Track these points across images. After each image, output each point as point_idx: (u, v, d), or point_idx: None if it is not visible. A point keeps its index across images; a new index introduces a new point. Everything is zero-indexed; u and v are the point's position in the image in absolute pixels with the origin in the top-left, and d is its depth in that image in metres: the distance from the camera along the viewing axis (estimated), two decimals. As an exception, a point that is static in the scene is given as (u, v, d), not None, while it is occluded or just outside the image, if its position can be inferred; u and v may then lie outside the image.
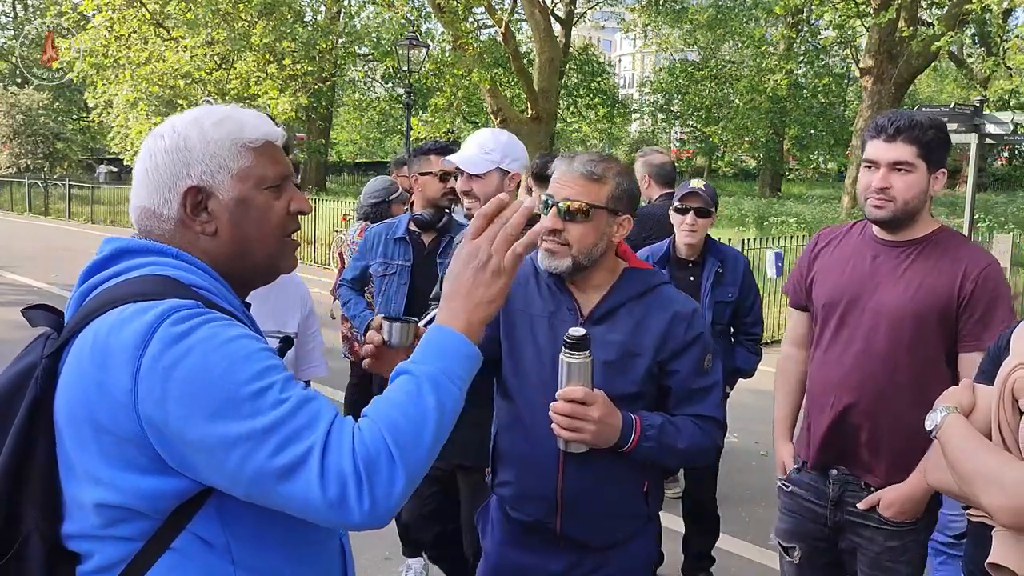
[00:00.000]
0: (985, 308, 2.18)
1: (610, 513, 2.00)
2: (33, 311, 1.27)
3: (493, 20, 20.32)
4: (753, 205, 23.89)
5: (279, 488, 1.10)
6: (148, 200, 1.29)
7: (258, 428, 1.10)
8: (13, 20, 38.47)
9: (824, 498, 2.42)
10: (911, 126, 2.17)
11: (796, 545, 2.51)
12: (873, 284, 2.29)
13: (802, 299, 2.52)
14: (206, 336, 1.12)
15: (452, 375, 1.21)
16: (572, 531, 1.98)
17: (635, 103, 40.85)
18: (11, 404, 1.19)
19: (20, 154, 27.59)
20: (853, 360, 2.30)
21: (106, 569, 1.18)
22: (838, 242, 2.44)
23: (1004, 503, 1.48)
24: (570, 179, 1.91)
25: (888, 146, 2.19)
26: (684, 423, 1.96)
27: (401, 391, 1.19)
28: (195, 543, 1.18)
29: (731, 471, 3.83)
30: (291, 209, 1.34)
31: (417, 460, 1.15)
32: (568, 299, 1.98)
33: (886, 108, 16.41)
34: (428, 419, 1.16)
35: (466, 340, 1.24)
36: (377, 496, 1.11)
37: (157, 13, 18.02)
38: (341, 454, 1.11)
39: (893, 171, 2.19)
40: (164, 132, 1.30)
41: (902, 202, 2.20)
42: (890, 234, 2.30)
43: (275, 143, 1.33)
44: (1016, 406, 1.54)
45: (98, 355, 1.13)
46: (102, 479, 1.14)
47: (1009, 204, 23.69)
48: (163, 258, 1.25)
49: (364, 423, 1.16)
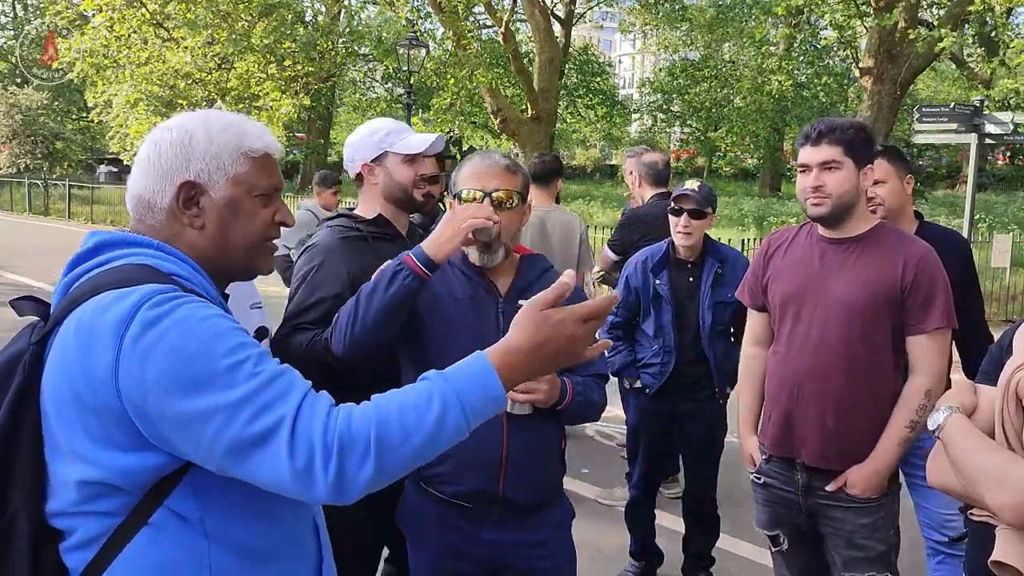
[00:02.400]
0: (927, 293, 2.38)
1: (543, 473, 2.17)
2: (21, 302, 1.33)
3: (493, 20, 20.32)
4: (753, 205, 23.92)
5: (252, 456, 1.17)
6: (144, 188, 1.36)
7: (233, 399, 1.16)
8: (13, 20, 38.50)
9: (794, 485, 2.57)
10: (832, 129, 2.40)
11: (779, 532, 2.68)
12: (823, 280, 2.46)
13: (759, 300, 2.70)
14: (182, 316, 1.19)
15: (469, 406, 1.24)
16: (513, 494, 2.09)
17: (635, 103, 40.88)
18: (0, 390, 1.25)
19: (20, 154, 27.58)
20: (810, 352, 2.46)
21: (86, 544, 1.24)
22: (788, 244, 2.63)
23: (1009, 501, 1.49)
24: (495, 171, 2.09)
25: (815, 149, 2.41)
26: (588, 381, 2.18)
27: (413, 396, 1.24)
28: (171, 518, 1.24)
29: (731, 471, 3.83)
30: (276, 219, 1.43)
31: (393, 463, 1.20)
32: (484, 281, 2.14)
33: (886, 108, 16.42)
34: (420, 433, 1.20)
35: (500, 386, 1.27)
36: (344, 473, 1.17)
37: (157, 13, 18.02)
38: (312, 426, 1.17)
39: (823, 171, 2.40)
40: (172, 126, 1.38)
41: (836, 197, 2.39)
42: (833, 232, 2.49)
43: (273, 156, 1.42)
44: (1019, 406, 1.54)
45: (82, 339, 1.20)
46: (85, 456, 1.21)
47: (1009, 204, 23.71)
48: (143, 249, 1.33)
49: (363, 408, 1.21)
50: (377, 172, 2.51)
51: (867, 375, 2.42)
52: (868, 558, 2.47)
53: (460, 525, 2.14)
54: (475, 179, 2.10)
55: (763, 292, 2.66)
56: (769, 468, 2.64)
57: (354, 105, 30.41)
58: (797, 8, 18.85)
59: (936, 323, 2.38)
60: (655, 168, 4.53)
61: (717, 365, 3.56)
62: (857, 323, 2.40)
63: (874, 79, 16.61)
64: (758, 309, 2.72)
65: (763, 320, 2.71)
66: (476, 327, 2.07)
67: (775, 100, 27.11)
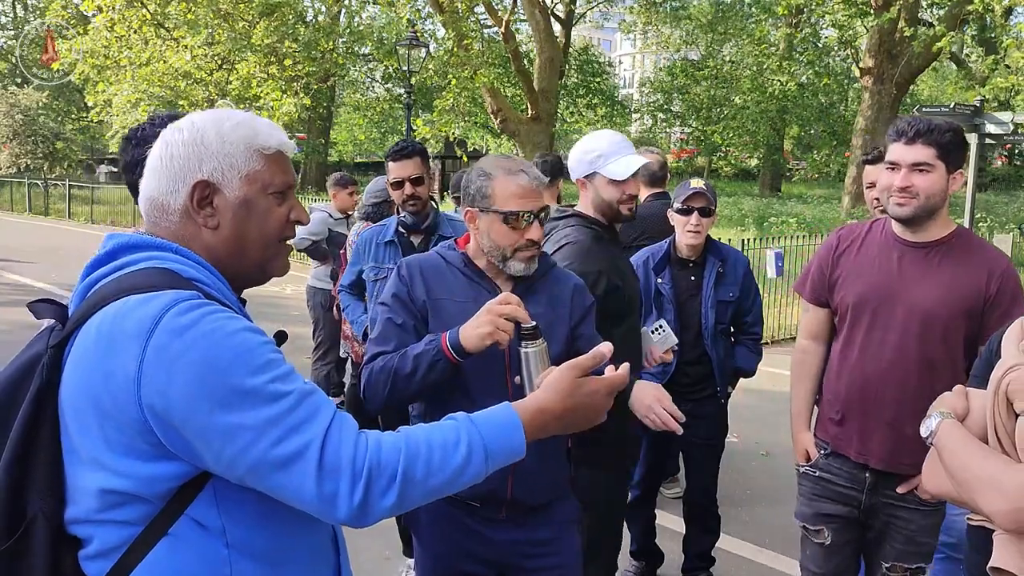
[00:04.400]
0: (1008, 305, 2.37)
1: (550, 472, 2.20)
2: (39, 304, 1.31)
3: (493, 20, 20.32)
4: (753, 205, 23.87)
5: (275, 477, 1.17)
6: (156, 190, 1.33)
7: (260, 419, 1.15)
8: (13, 20, 38.47)
9: (859, 482, 2.56)
10: (930, 130, 2.33)
11: (824, 527, 2.63)
12: (904, 283, 2.43)
13: (823, 296, 2.64)
14: (211, 328, 1.17)
15: (492, 455, 1.28)
16: (521, 494, 2.13)
17: (635, 103, 40.83)
18: (17, 393, 1.23)
19: (20, 154, 27.55)
20: (890, 356, 2.44)
21: (105, 554, 1.22)
22: (860, 242, 2.57)
23: (1003, 507, 1.48)
24: (540, 191, 2.15)
25: (909, 148, 2.35)
26: None
27: (443, 434, 1.27)
28: (192, 527, 1.22)
29: (731, 471, 3.84)
30: (291, 217, 1.40)
31: (413, 494, 1.23)
32: (487, 283, 2.16)
33: (886, 108, 16.42)
34: (445, 472, 1.24)
35: (523, 441, 1.31)
36: (369, 501, 1.19)
37: (158, 13, 18.02)
38: (340, 450, 1.18)
39: (914, 171, 2.34)
40: (184, 126, 1.35)
41: (924, 199, 2.35)
42: (912, 234, 2.45)
43: (286, 153, 1.40)
44: (1011, 409, 1.54)
45: (103, 344, 1.18)
46: (105, 464, 1.18)
47: (1009, 204, 23.69)
48: (163, 253, 1.30)
49: (393, 438, 1.24)
50: (588, 187, 2.79)
51: (943, 382, 2.37)
52: (921, 552, 2.54)
53: (469, 525, 2.15)
54: (522, 199, 2.10)
55: (829, 289, 2.60)
56: (829, 463, 2.62)
57: (354, 105, 30.35)
58: (797, 7, 18.85)
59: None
60: (650, 169, 4.54)
61: (719, 364, 3.57)
62: (938, 331, 2.38)
63: (874, 79, 16.62)
64: (820, 305, 2.67)
65: (822, 316, 2.67)
66: None
67: (775, 100, 27.05)
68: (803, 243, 10.09)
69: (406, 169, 3.42)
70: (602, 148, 2.78)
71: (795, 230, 15.70)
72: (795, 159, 35.18)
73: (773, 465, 5.34)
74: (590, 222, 2.81)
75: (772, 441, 5.73)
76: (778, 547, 4.12)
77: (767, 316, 3.68)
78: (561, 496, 2.27)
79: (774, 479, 5.03)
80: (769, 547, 4.14)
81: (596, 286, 2.70)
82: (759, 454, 5.52)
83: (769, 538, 4.23)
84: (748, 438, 5.67)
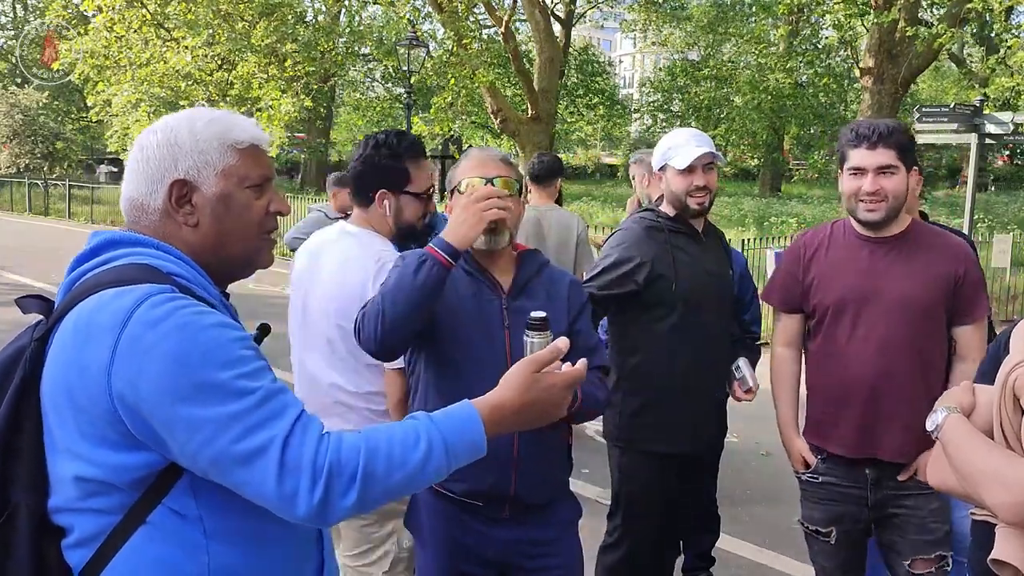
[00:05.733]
0: (975, 285, 2.52)
1: (552, 470, 2.20)
2: (26, 299, 1.35)
3: (493, 20, 20.32)
4: (753, 205, 23.90)
5: (236, 472, 1.19)
6: (136, 191, 1.37)
7: (224, 414, 1.17)
8: (13, 20, 38.48)
9: (862, 481, 2.58)
10: (889, 132, 2.43)
11: (833, 528, 2.65)
12: (880, 278, 2.50)
13: (796, 303, 2.69)
14: (183, 322, 1.19)
15: (452, 451, 1.29)
16: (524, 492, 2.12)
17: (635, 103, 40.86)
18: (2, 385, 1.27)
19: (20, 154, 27.56)
20: (876, 351, 2.49)
21: (86, 542, 1.25)
22: (827, 245, 2.63)
23: (1007, 500, 1.49)
24: (494, 162, 2.16)
25: (872, 152, 2.42)
26: (591, 377, 2.15)
27: (403, 432, 1.27)
28: (169, 516, 1.25)
29: (731, 471, 3.84)
30: (270, 209, 1.42)
31: (374, 493, 1.23)
32: (487, 278, 2.16)
33: (887, 108, 16.41)
34: (405, 468, 1.24)
35: (483, 436, 1.33)
36: (329, 499, 1.19)
37: (158, 13, 18.02)
38: (302, 450, 1.19)
39: (880, 175, 2.42)
40: (157, 128, 1.38)
41: (892, 200, 2.44)
42: (874, 232, 2.53)
43: (261, 147, 1.42)
44: (1017, 404, 1.55)
45: (79, 336, 1.21)
46: (80, 453, 1.22)
47: (1009, 204, 23.71)
48: (144, 248, 1.34)
49: (353, 437, 1.24)
50: (663, 180, 2.94)
51: (933, 367, 2.51)
52: (936, 540, 2.55)
53: (470, 524, 2.15)
54: (475, 169, 2.15)
55: (803, 294, 2.65)
56: (827, 467, 2.63)
57: (354, 105, 30.37)
58: (798, 7, 18.85)
59: (982, 312, 2.53)
60: None
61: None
62: (921, 319, 2.47)
63: (874, 79, 16.61)
64: (792, 312, 2.72)
65: (796, 322, 2.72)
66: (484, 324, 2.11)
67: (774, 99, 27.06)
68: (803, 243, 10.07)
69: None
70: (673, 141, 2.89)
71: (795, 230, 15.71)
72: (795, 159, 35.18)
73: (773, 465, 5.35)
74: (658, 215, 2.94)
75: (772, 441, 5.70)
76: (778, 547, 4.12)
77: (766, 316, 3.67)
78: (563, 496, 2.28)
79: (774, 479, 5.04)
80: (769, 547, 4.14)
81: (636, 273, 2.83)
82: (759, 454, 5.52)
83: (769, 538, 4.23)
84: (748, 438, 5.67)
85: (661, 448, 2.94)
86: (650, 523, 3.05)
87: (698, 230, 2.96)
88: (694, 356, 2.88)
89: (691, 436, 2.97)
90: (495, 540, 2.16)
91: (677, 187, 2.86)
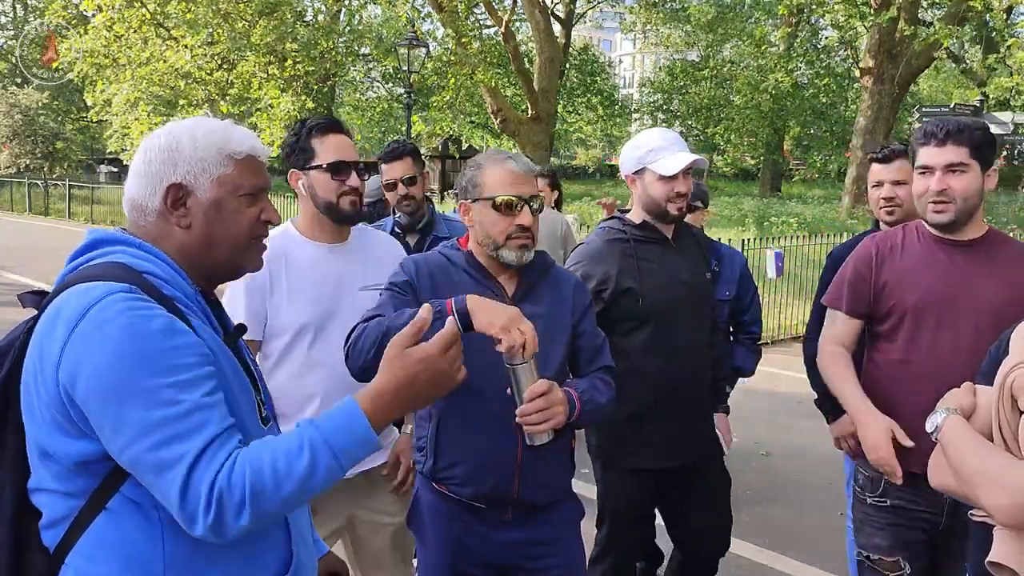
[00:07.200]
0: None
1: (555, 472, 2.20)
2: (26, 295, 1.44)
3: (493, 20, 20.33)
4: (753, 205, 23.86)
5: (149, 478, 1.25)
6: (136, 192, 1.45)
7: (146, 420, 1.23)
8: (13, 20, 38.48)
9: (939, 505, 2.35)
10: (960, 129, 2.27)
11: (900, 557, 2.42)
12: (964, 284, 2.33)
13: (863, 307, 2.49)
14: (129, 323, 1.25)
15: (340, 451, 1.30)
16: (527, 494, 2.13)
17: (635, 103, 40.86)
18: None
19: (20, 154, 27.58)
20: (964, 360, 2.23)
21: (56, 523, 1.34)
22: (900, 248, 2.46)
23: (1005, 502, 1.49)
24: (530, 178, 2.14)
25: (940, 150, 2.27)
26: (594, 380, 2.18)
27: (285, 443, 1.29)
28: (126, 504, 1.32)
29: (731, 471, 3.82)
30: (262, 217, 1.49)
31: (268, 508, 1.26)
32: (492, 283, 2.14)
33: (886, 108, 16.41)
34: (292, 478, 1.26)
35: (368, 428, 1.32)
36: (221, 523, 1.23)
37: (157, 13, 18.02)
38: (204, 475, 1.23)
39: (948, 173, 2.27)
40: (161, 133, 1.47)
41: (961, 202, 2.28)
42: (950, 235, 2.36)
43: (258, 158, 1.49)
44: (1016, 405, 1.55)
45: (47, 326, 1.29)
46: (40, 438, 1.31)
47: (1009, 204, 23.70)
48: (126, 247, 1.41)
49: (240, 459, 1.26)
50: (638, 184, 2.76)
51: None
52: None
53: (473, 525, 2.16)
54: (512, 185, 2.09)
55: (874, 298, 2.45)
56: (903, 490, 2.36)
57: (354, 105, 30.33)
58: (798, 7, 18.86)
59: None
60: None
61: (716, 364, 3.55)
62: (1006, 324, 2.27)
63: (874, 79, 16.62)
64: (856, 316, 2.51)
65: (856, 326, 2.52)
66: None
67: (774, 99, 27.07)
68: (803, 243, 10.09)
69: (398, 170, 3.41)
70: (653, 143, 2.72)
71: (795, 230, 15.71)
72: (795, 159, 35.18)
73: (773, 465, 5.35)
74: (624, 223, 2.80)
75: (772, 441, 5.73)
76: (778, 547, 4.12)
77: (767, 316, 3.67)
78: (565, 496, 2.27)
79: (774, 479, 5.04)
80: (769, 547, 4.14)
81: (600, 291, 2.69)
82: (759, 454, 5.52)
83: (769, 538, 4.23)
84: (748, 438, 5.67)
85: (641, 464, 2.83)
86: (634, 536, 3.03)
87: (667, 236, 2.81)
88: (669, 369, 2.75)
89: (672, 450, 2.83)
90: (495, 541, 2.16)
91: (657, 193, 2.70)
